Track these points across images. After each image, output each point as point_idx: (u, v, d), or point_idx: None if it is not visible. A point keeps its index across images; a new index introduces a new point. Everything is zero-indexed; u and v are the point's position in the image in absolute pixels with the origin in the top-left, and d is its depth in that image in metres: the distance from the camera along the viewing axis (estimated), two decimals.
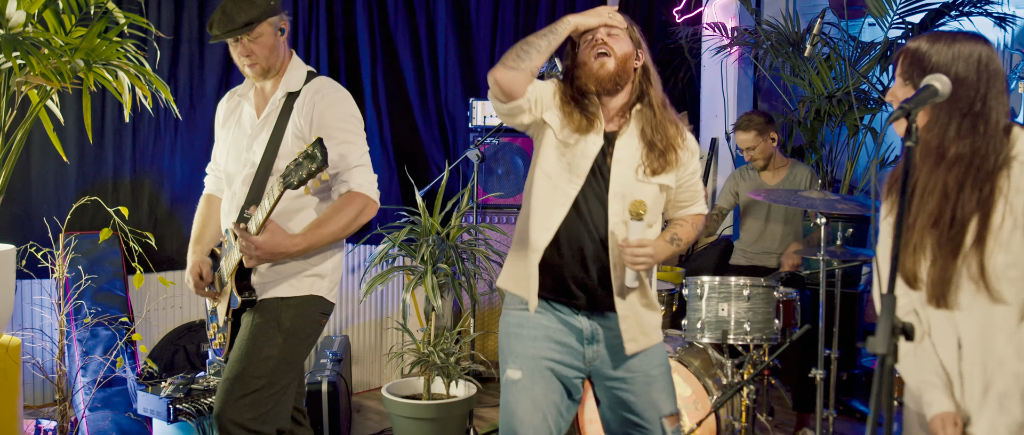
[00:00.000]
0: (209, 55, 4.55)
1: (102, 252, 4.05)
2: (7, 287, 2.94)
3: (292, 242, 2.56)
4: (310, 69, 2.85)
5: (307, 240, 2.59)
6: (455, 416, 3.99)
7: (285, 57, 2.82)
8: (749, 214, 4.77)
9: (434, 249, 3.89)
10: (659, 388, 2.56)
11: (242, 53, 2.72)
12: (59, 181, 4.10)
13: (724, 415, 3.73)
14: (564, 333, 2.52)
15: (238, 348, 2.70)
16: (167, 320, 4.41)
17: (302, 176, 2.41)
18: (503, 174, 5.31)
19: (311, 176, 2.40)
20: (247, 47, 2.70)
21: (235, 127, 2.88)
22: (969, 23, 5.20)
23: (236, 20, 2.65)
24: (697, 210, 2.69)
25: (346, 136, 2.68)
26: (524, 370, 2.49)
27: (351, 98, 2.81)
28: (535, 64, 2.44)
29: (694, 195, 2.66)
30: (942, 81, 1.76)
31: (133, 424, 3.83)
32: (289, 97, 2.77)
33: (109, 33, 2.92)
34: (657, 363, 2.58)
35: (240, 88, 2.95)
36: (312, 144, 2.39)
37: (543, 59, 2.45)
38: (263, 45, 2.71)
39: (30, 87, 2.92)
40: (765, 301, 3.72)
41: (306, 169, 2.40)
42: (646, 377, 2.55)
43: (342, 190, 2.68)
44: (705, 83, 6.25)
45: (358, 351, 5.29)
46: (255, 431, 2.65)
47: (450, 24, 5.53)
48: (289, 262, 2.73)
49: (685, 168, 2.59)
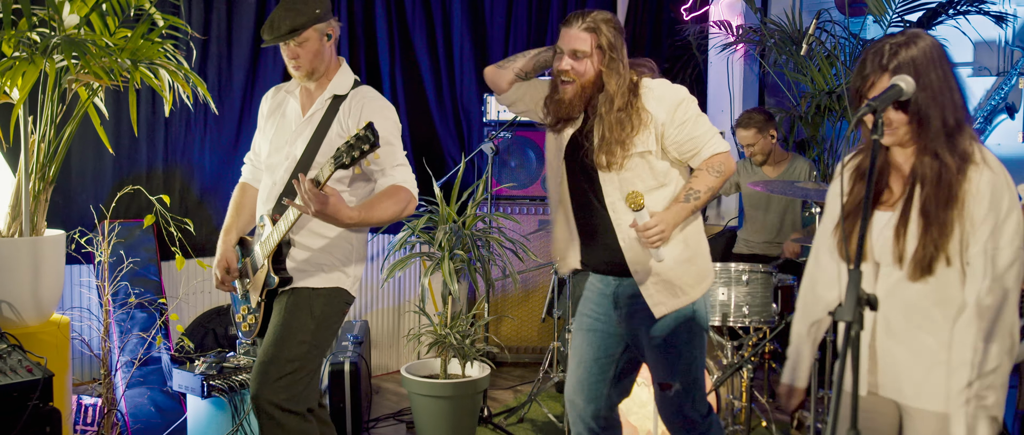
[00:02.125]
0: (236, 53, 4.78)
1: (138, 239, 4.29)
2: (58, 269, 3.18)
3: (348, 211, 2.69)
4: (356, 78, 3.04)
5: (360, 215, 2.73)
6: (470, 395, 4.20)
7: (332, 61, 3.00)
8: (751, 206, 4.99)
9: (451, 236, 4.12)
10: (663, 354, 2.79)
11: (289, 55, 2.91)
12: (97, 171, 4.33)
13: (725, 394, 3.94)
14: (604, 296, 2.89)
15: (272, 333, 2.90)
16: (197, 304, 4.65)
17: (355, 156, 2.55)
18: (516, 166, 5.55)
19: (363, 156, 2.55)
20: (293, 51, 2.89)
21: (280, 120, 3.06)
22: (966, 21, 5.37)
23: (284, 26, 2.84)
24: (709, 152, 2.70)
25: (390, 137, 2.87)
26: (576, 324, 2.97)
27: (393, 107, 3.01)
28: (517, 66, 2.83)
29: (695, 141, 2.68)
30: (907, 82, 1.96)
31: (168, 400, 4.07)
32: (335, 100, 2.96)
33: (151, 34, 3.15)
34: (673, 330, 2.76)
35: (288, 85, 3.12)
36: (364, 127, 2.54)
37: (525, 63, 2.82)
38: (309, 50, 2.90)
39: (80, 84, 3.15)
40: (763, 286, 3.93)
41: (359, 149, 2.54)
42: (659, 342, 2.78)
43: (387, 183, 2.85)
44: (712, 79, 6.43)
45: (377, 336, 5.53)
46: (289, 410, 2.85)
47: (465, 23, 5.75)
48: (322, 255, 2.94)
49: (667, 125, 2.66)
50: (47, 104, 3.02)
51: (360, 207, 2.77)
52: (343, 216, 2.68)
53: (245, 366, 3.79)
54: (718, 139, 2.72)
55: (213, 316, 4.66)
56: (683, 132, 2.67)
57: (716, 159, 2.70)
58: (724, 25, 6.01)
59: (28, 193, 3.08)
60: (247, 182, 3.24)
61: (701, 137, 2.69)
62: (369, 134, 2.53)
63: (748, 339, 4.04)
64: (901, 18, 5.43)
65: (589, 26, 2.64)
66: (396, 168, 2.88)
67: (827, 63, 5.50)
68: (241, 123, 4.82)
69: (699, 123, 2.69)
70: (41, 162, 3.12)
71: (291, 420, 2.85)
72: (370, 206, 2.79)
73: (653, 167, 2.70)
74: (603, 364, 2.89)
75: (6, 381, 2.58)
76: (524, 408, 4.68)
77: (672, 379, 2.79)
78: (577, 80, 2.67)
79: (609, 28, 2.66)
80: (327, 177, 2.64)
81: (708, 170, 2.70)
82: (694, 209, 2.68)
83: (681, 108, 2.66)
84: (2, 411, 2.57)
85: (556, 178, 2.87)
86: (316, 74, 2.97)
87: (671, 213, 2.64)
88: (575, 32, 2.65)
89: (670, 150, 2.70)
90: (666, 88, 2.70)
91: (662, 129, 2.67)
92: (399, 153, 2.92)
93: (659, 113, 2.66)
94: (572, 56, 2.66)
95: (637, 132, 2.65)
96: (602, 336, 2.89)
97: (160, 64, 3.15)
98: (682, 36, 6.47)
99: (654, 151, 2.68)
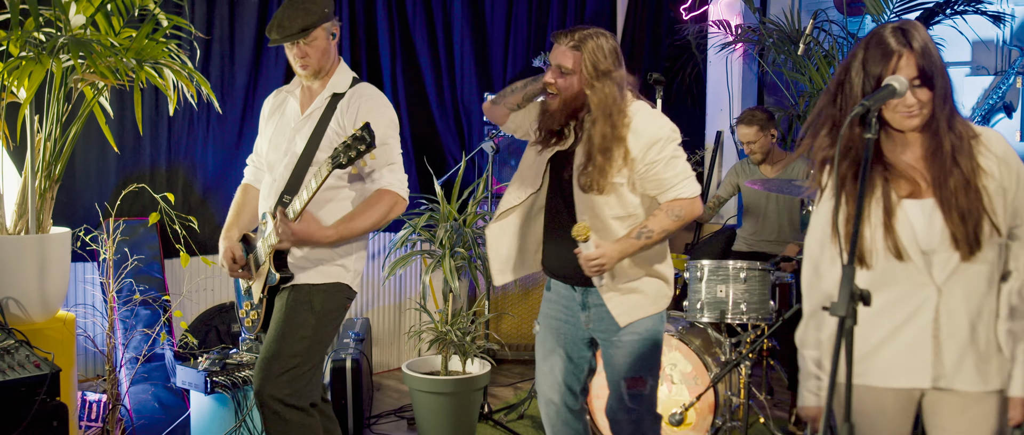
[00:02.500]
0: (239, 52, 4.82)
1: (141, 237, 4.33)
2: (64, 266, 3.22)
3: (324, 233, 2.82)
4: (355, 75, 3.10)
5: (338, 232, 2.84)
6: (471, 391, 4.25)
7: (335, 60, 3.07)
8: (750, 205, 5.03)
9: (452, 234, 4.16)
10: (628, 353, 2.88)
11: (297, 55, 2.96)
12: (100, 170, 4.37)
13: (723, 390, 3.98)
14: (569, 299, 2.96)
15: (274, 329, 2.96)
16: (199, 302, 4.69)
17: (351, 156, 2.63)
18: (516, 165, 5.58)
19: (359, 156, 2.63)
20: (302, 50, 2.95)
21: (280, 120, 3.13)
22: (963, 21, 5.41)
23: (295, 25, 2.89)
24: (672, 196, 2.75)
25: (386, 137, 2.92)
26: (541, 324, 3.08)
27: (391, 104, 3.06)
28: (509, 101, 2.94)
29: (661, 183, 2.73)
30: (901, 82, 1.99)
31: (171, 396, 4.11)
32: (334, 97, 3.01)
33: (156, 34, 3.19)
34: (639, 331, 2.87)
35: (288, 86, 3.19)
36: (360, 128, 2.62)
37: (514, 97, 2.93)
38: (317, 48, 2.95)
39: (85, 84, 3.19)
40: (761, 283, 3.98)
41: (355, 149, 2.62)
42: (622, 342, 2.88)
43: (375, 187, 2.93)
44: (711, 78, 6.47)
45: (378, 333, 5.57)
46: (292, 405, 2.91)
47: (466, 23, 5.79)
48: (320, 251, 2.98)
49: (636, 160, 2.71)
50: (53, 103, 3.06)
51: (338, 223, 2.87)
52: (319, 237, 2.81)
53: (248, 362, 3.83)
54: (688, 184, 2.75)
55: (215, 314, 4.70)
56: (651, 171, 2.73)
57: (678, 204, 2.75)
58: (723, 25, 6.06)
59: (34, 191, 3.12)
60: (249, 183, 3.30)
61: (668, 180, 2.74)
62: (366, 135, 2.60)
63: (746, 336, 4.08)
64: (899, 18, 5.47)
65: (575, 45, 2.71)
66: (386, 169, 2.94)
67: (825, 62, 5.54)
68: (243, 122, 4.86)
69: (671, 166, 2.73)
70: (47, 160, 3.17)
71: (294, 415, 2.89)
72: (350, 219, 2.89)
73: (623, 199, 2.77)
74: (579, 364, 3.03)
75: (15, 376, 2.62)
76: (524, 405, 4.73)
77: (645, 375, 2.90)
78: (560, 95, 2.75)
79: (597, 48, 2.70)
80: (324, 177, 2.71)
81: (667, 212, 2.76)
82: (642, 247, 2.75)
83: (655, 148, 2.71)
84: (10, 405, 2.62)
85: (528, 188, 2.94)
86: (322, 72, 3.02)
87: (616, 247, 2.73)
88: (562, 49, 2.73)
89: (638, 187, 2.77)
90: (648, 123, 2.74)
91: (631, 164, 2.72)
92: (394, 153, 2.98)
93: (633, 147, 2.71)
94: (556, 71, 2.74)
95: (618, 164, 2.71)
96: (573, 339, 3.00)
97: (165, 64, 3.19)
98: (681, 35, 6.51)
99: (626, 183, 2.75)
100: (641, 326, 2.87)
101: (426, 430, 4.26)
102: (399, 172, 2.97)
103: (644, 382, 2.90)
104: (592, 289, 2.88)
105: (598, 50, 2.70)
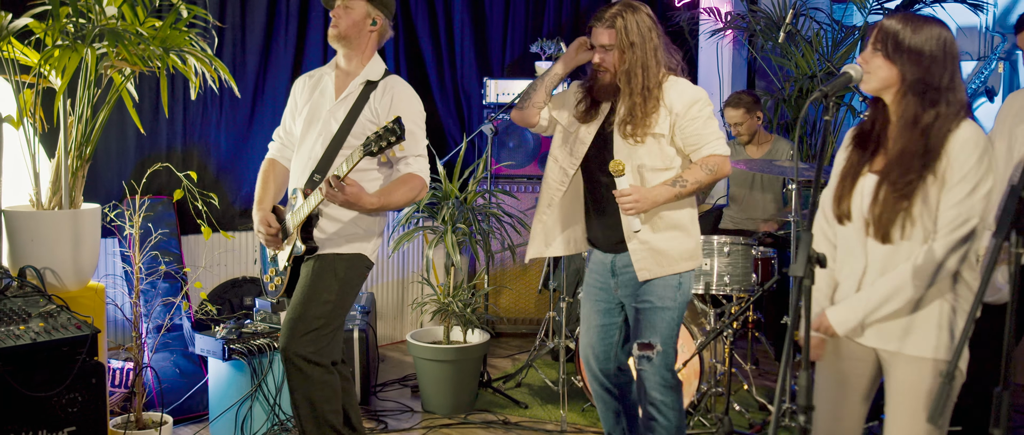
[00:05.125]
0: (250, 39, 5.03)
1: (159, 213, 4.57)
2: (95, 239, 3.46)
3: (369, 199, 3.08)
4: (387, 68, 3.35)
5: (379, 200, 3.12)
6: (471, 359, 4.50)
7: (368, 46, 3.30)
8: (735, 184, 5.28)
9: (454, 211, 4.41)
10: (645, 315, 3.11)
11: (334, 15, 3.23)
12: (120, 150, 4.60)
13: (708, 358, 4.24)
14: (603, 266, 3.26)
15: (300, 293, 3.23)
16: (214, 276, 4.94)
17: (382, 146, 2.90)
18: (514, 147, 5.86)
19: (389, 146, 2.91)
20: (338, 12, 3.22)
21: (319, 99, 3.35)
22: (942, 10, 5.63)
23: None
24: (708, 151, 3.03)
25: (413, 128, 3.20)
26: (583, 291, 3.37)
27: (420, 98, 3.34)
28: (537, 100, 3.22)
29: (699, 137, 3.02)
30: (857, 70, 2.24)
31: (189, 363, 4.36)
32: (368, 85, 3.27)
33: (179, 24, 3.41)
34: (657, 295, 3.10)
35: (323, 68, 3.42)
36: (392, 121, 2.89)
37: (538, 95, 3.21)
38: (350, 17, 3.22)
39: (114, 70, 3.42)
40: (743, 258, 4.23)
41: (386, 140, 2.89)
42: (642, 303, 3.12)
43: (405, 170, 3.20)
44: (702, 63, 6.68)
45: (382, 307, 5.83)
46: (315, 362, 3.18)
47: (466, 9, 6.03)
48: (346, 226, 3.25)
49: (680, 116, 3.01)
50: (85, 88, 3.29)
51: (379, 193, 3.14)
52: (364, 202, 3.06)
53: (263, 331, 4.06)
54: (721, 143, 3.04)
55: (229, 287, 4.95)
56: (692, 127, 3.02)
57: (713, 159, 3.03)
58: (714, 12, 6.25)
59: (67, 169, 3.36)
60: (274, 158, 3.53)
61: (705, 136, 3.03)
62: (396, 128, 2.88)
63: (730, 307, 4.34)
64: (881, 6, 5.69)
65: (609, 24, 3.01)
66: (414, 158, 3.21)
67: (810, 49, 5.77)
68: (255, 106, 5.09)
69: (708, 125, 3.03)
70: (78, 142, 3.40)
71: (316, 371, 3.17)
72: (388, 192, 3.16)
73: (663, 150, 3.06)
74: (608, 329, 3.29)
75: (59, 336, 2.87)
76: (521, 373, 4.98)
77: (654, 339, 3.09)
78: (609, 70, 3.04)
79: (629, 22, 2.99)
80: (355, 162, 2.97)
81: (702, 165, 3.04)
82: (677, 195, 3.03)
83: (695, 106, 3.03)
84: (55, 363, 2.87)
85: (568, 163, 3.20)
86: (346, 42, 3.25)
87: (652, 191, 3.01)
88: (600, 30, 3.03)
89: (677, 140, 3.05)
90: (688, 86, 3.06)
91: (675, 119, 3.02)
92: (420, 143, 3.25)
93: (676, 105, 3.02)
94: (600, 51, 3.04)
95: (657, 113, 3.01)
96: (605, 304, 3.29)
97: (188, 52, 3.42)
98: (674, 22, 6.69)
99: (666, 135, 3.04)
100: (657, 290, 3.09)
101: (429, 396, 4.52)
102: (424, 162, 3.25)
103: (651, 347, 3.09)
104: (622, 254, 3.14)
105: (631, 24, 2.99)
